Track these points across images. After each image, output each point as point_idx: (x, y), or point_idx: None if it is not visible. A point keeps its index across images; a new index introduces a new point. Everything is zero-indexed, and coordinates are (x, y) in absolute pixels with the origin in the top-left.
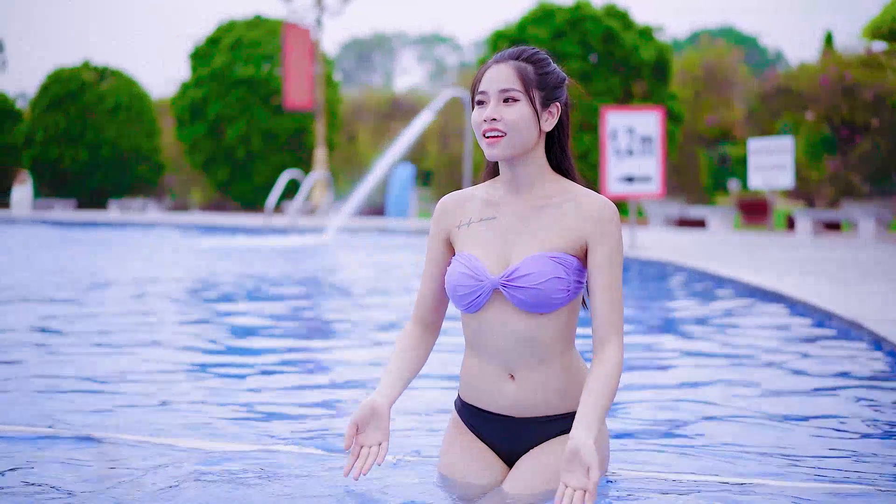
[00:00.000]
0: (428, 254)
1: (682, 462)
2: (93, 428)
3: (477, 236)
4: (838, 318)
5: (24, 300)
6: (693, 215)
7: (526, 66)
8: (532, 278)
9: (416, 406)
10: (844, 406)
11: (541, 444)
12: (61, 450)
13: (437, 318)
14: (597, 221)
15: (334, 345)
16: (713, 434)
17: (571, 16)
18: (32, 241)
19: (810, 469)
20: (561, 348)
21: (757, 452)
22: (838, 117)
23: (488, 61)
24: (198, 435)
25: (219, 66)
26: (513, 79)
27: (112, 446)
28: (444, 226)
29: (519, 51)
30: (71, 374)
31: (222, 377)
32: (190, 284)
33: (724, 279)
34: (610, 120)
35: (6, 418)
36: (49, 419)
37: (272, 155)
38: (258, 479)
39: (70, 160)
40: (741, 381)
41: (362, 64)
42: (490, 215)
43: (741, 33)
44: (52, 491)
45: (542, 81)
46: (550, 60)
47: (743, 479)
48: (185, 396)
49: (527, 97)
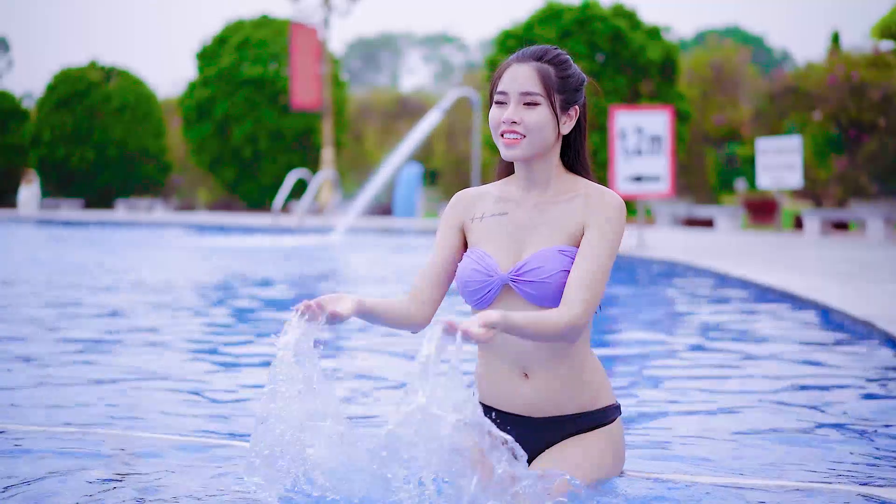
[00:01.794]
0: (438, 235)
1: (692, 461)
2: (106, 426)
3: (489, 232)
4: (851, 318)
5: (34, 299)
6: (700, 215)
7: (548, 69)
8: (540, 272)
9: None
10: (858, 405)
11: (555, 447)
12: (75, 447)
13: (430, 300)
14: (598, 207)
15: (343, 344)
16: (722, 434)
17: (579, 15)
18: (38, 240)
19: (821, 469)
20: (574, 346)
21: (768, 452)
22: (846, 117)
23: (509, 59)
24: (208, 432)
25: (226, 65)
26: (534, 82)
27: (127, 443)
28: (459, 214)
29: (541, 51)
30: (81, 373)
31: (228, 376)
32: (199, 284)
33: (734, 279)
34: (619, 119)
35: (21, 417)
36: (63, 417)
37: (279, 155)
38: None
39: (77, 160)
40: (753, 381)
41: (368, 64)
42: (502, 211)
43: (747, 33)
44: (65, 487)
45: (563, 85)
46: (571, 62)
47: (752, 479)
48: (194, 395)
49: (547, 101)
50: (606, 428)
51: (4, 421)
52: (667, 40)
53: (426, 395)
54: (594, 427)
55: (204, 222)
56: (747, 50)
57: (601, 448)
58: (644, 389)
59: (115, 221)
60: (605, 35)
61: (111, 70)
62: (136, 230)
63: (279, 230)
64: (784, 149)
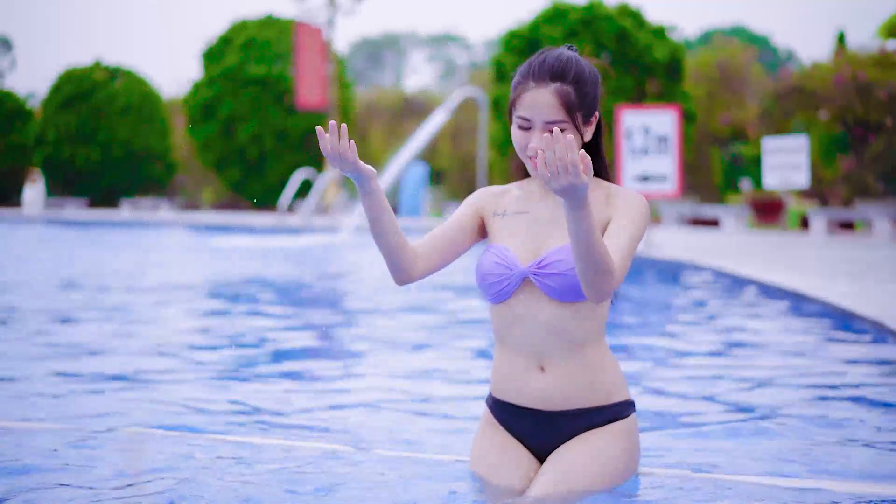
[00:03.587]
0: (456, 211)
1: (703, 460)
2: (116, 423)
3: (510, 228)
4: (860, 318)
5: (38, 298)
6: (706, 215)
7: (569, 91)
8: (561, 265)
9: (448, 408)
10: (868, 404)
11: (569, 443)
12: (85, 444)
13: (426, 258)
14: (623, 203)
15: (353, 344)
16: (732, 432)
17: (585, 15)
18: (43, 240)
19: (832, 468)
20: (591, 339)
21: (776, 451)
22: (852, 116)
23: (526, 75)
24: (220, 430)
25: (231, 65)
26: (557, 108)
27: (138, 440)
28: (482, 205)
29: (558, 68)
30: (89, 371)
31: (236, 374)
32: (206, 284)
33: (742, 279)
34: (625, 119)
35: (32, 415)
36: (73, 415)
37: (284, 154)
38: (288, 474)
39: (82, 159)
40: (763, 380)
41: (372, 64)
42: (523, 209)
43: (752, 32)
44: (76, 485)
45: (584, 101)
46: (585, 70)
47: (763, 478)
48: (202, 394)
49: (572, 124)
50: (621, 423)
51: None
52: (672, 40)
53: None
54: (608, 422)
55: (210, 222)
56: (753, 50)
57: (615, 444)
58: (654, 388)
59: (119, 221)
60: (611, 35)
61: (116, 70)
62: (140, 230)
63: (285, 230)
64: (791, 148)
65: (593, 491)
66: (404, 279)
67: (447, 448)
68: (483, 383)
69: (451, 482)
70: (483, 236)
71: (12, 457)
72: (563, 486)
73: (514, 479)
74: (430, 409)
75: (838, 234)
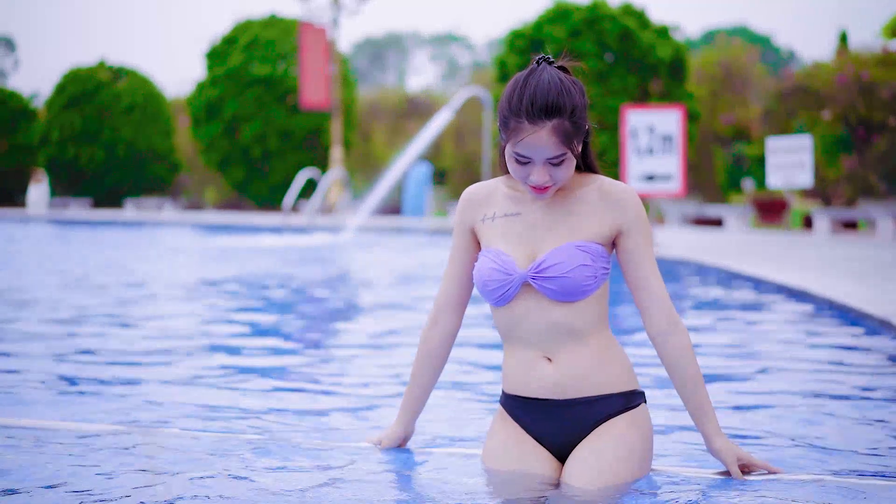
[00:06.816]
0: (454, 243)
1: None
2: (126, 423)
3: (503, 231)
4: (868, 317)
5: (49, 298)
6: (710, 214)
7: (566, 126)
8: (560, 268)
9: (463, 405)
10: (875, 403)
11: (590, 438)
12: (97, 444)
13: (461, 306)
14: (621, 206)
15: (356, 341)
16: (742, 431)
17: (588, 15)
18: (47, 239)
19: (840, 466)
20: (595, 329)
21: (787, 449)
22: (855, 116)
23: (519, 116)
24: (221, 429)
25: (234, 65)
26: (556, 145)
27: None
28: (469, 217)
29: (553, 106)
30: (98, 371)
31: (236, 374)
32: (208, 284)
33: (748, 278)
34: (630, 119)
35: (42, 415)
36: (73, 415)
37: (288, 154)
38: (305, 470)
39: (86, 159)
40: (771, 379)
41: (375, 63)
42: (515, 211)
43: (754, 32)
44: (77, 485)
45: (579, 126)
46: (574, 94)
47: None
48: (202, 394)
49: (571, 153)
50: (633, 413)
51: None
52: (675, 40)
53: None
54: (619, 411)
55: (214, 222)
56: (755, 49)
57: (630, 438)
58: (666, 387)
59: (123, 221)
60: (614, 34)
61: (120, 70)
62: (144, 229)
63: (289, 230)
64: (794, 148)
65: (628, 482)
66: (454, 337)
67: (454, 443)
68: (485, 377)
69: (464, 477)
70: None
71: (12, 457)
72: (601, 478)
73: (537, 469)
74: (432, 406)
75: (841, 233)
